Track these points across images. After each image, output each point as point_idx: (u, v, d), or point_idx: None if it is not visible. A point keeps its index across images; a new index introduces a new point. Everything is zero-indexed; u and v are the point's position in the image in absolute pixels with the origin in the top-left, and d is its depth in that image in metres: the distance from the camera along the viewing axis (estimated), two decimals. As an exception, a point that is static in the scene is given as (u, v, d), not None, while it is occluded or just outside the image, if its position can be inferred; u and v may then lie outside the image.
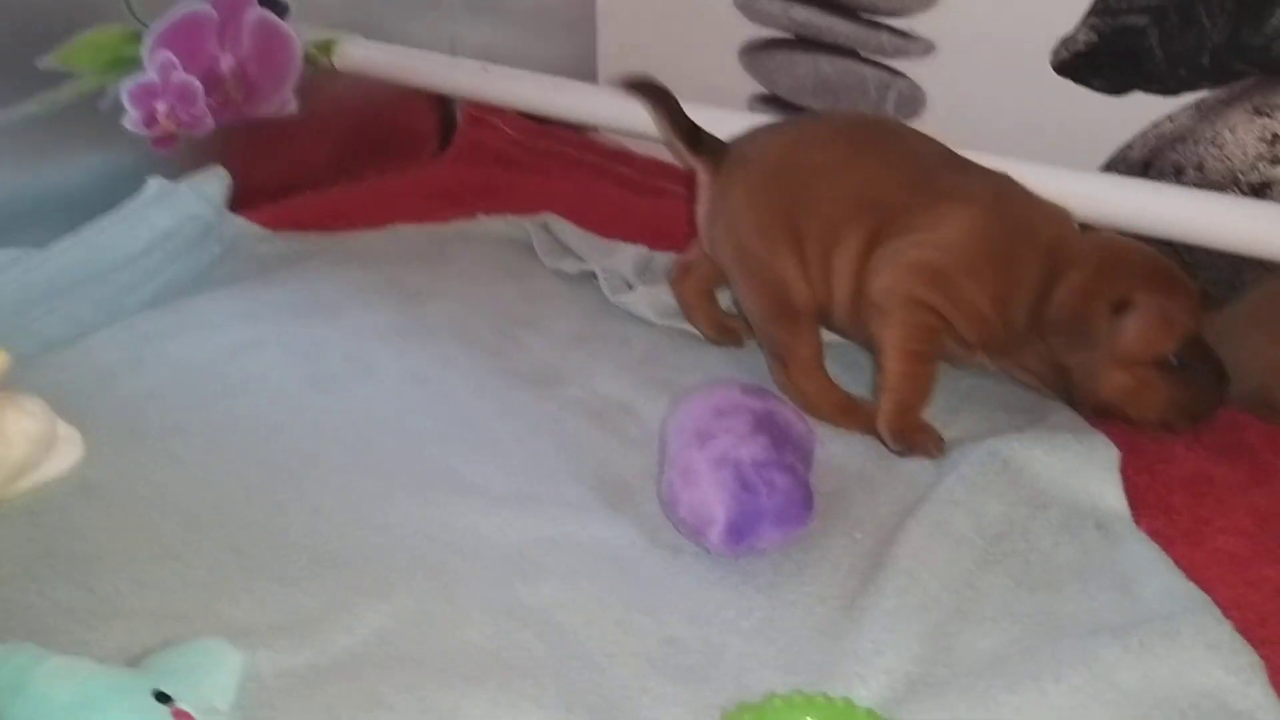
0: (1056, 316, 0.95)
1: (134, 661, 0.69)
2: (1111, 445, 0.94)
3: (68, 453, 0.94)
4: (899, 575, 0.80)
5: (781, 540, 0.83)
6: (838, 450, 0.98)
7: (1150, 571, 0.81)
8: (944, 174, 1.02)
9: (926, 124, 1.35)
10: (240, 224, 1.44)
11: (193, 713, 0.63)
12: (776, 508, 0.82)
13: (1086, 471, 0.91)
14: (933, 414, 1.03)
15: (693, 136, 1.08)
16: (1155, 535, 0.86)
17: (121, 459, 0.95)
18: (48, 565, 0.82)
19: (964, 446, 0.96)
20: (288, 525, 0.87)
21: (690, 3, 1.50)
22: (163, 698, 0.62)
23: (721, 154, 1.07)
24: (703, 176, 1.09)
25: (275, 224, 1.46)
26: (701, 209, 1.10)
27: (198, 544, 0.85)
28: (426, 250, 1.38)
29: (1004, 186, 1.02)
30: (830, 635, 0.77)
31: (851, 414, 1.01)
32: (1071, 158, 1.18)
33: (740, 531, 0.81)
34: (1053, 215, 1.01)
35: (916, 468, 0.95)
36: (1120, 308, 0.92)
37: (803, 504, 0.83)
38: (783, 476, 0.84)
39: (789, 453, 0.87)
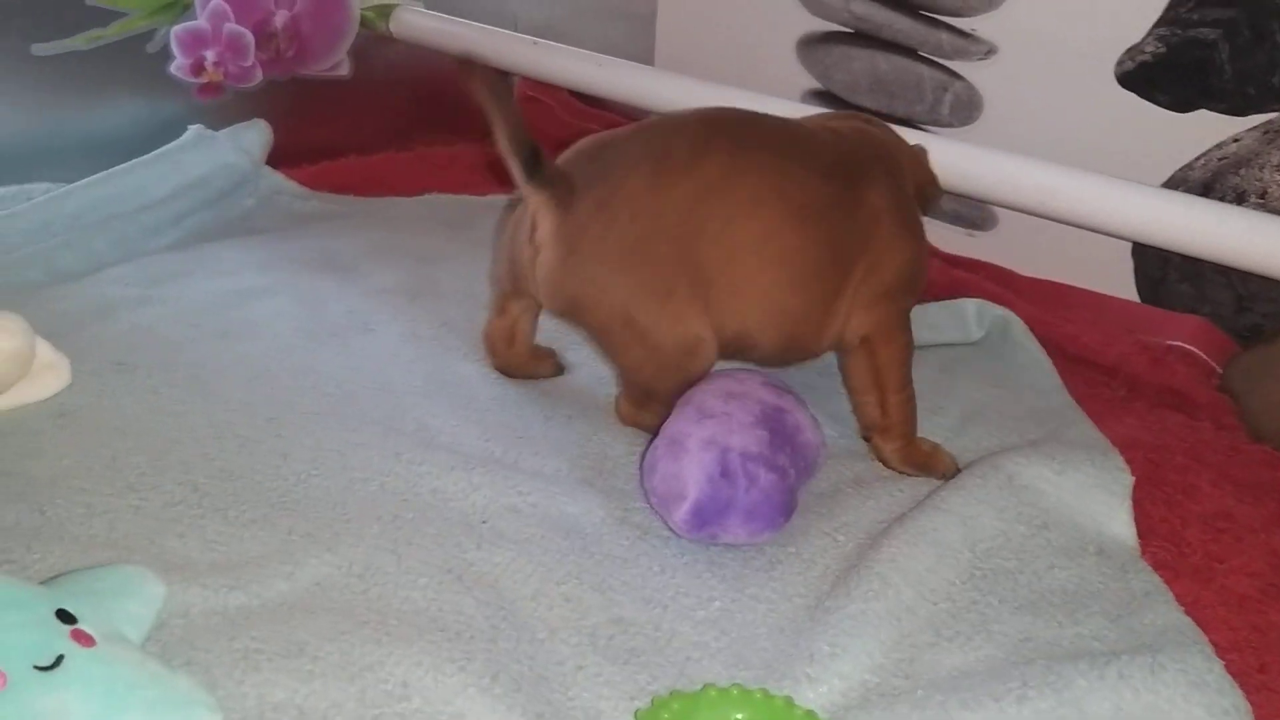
0: None
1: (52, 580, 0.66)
2: (1126, 471, 0.88)
3: (54, 379, 0.93)
4: (871, 579, 0.75)
5: (746, 539, 0.78)
6: (835, 451, 0.93)
7: (1146, 604, 0.75)
8: (830, 150, 0.91)
9: (983, 128, 1.29)
10: (277, 179, 1.44)
11: (95, 637, 0.60)
12: (750, 504, 0.77)
13: (1096, 495, 0.85)
14: (944, 427, 0.98)
15: (533, 162, 0.83)
16: (1162, 568, 0.80)
17: (103, 390, 0.93)
18: (3, 485, 0.80)
19: (971, 459, 0.91)
20: (253, 468, 0.85)
21: (752, -8, 1.46)
22: (66, 617, 0.60)
23: (568, 189, 0.85)
24: (545, 216, 0.85)
25: (314, 183, 1.46)
26: (546, 257, 0.86)
27: (157, 478, 0.83)
28: (454, 218, 1.35)
29: (866, 135, 0.97)
30: (788, 634, 0.72)
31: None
32: (1130, 173, 1.11)
33: (705, 516, 0.77)
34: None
35: (919, 478, 0.90)
36: None
37: (779, 508, 0.79)
38: (767, 475, 0.79)
39: (784, 454, 0.82)
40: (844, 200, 0.89)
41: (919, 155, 1.01)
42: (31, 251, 1.18)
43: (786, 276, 0.87)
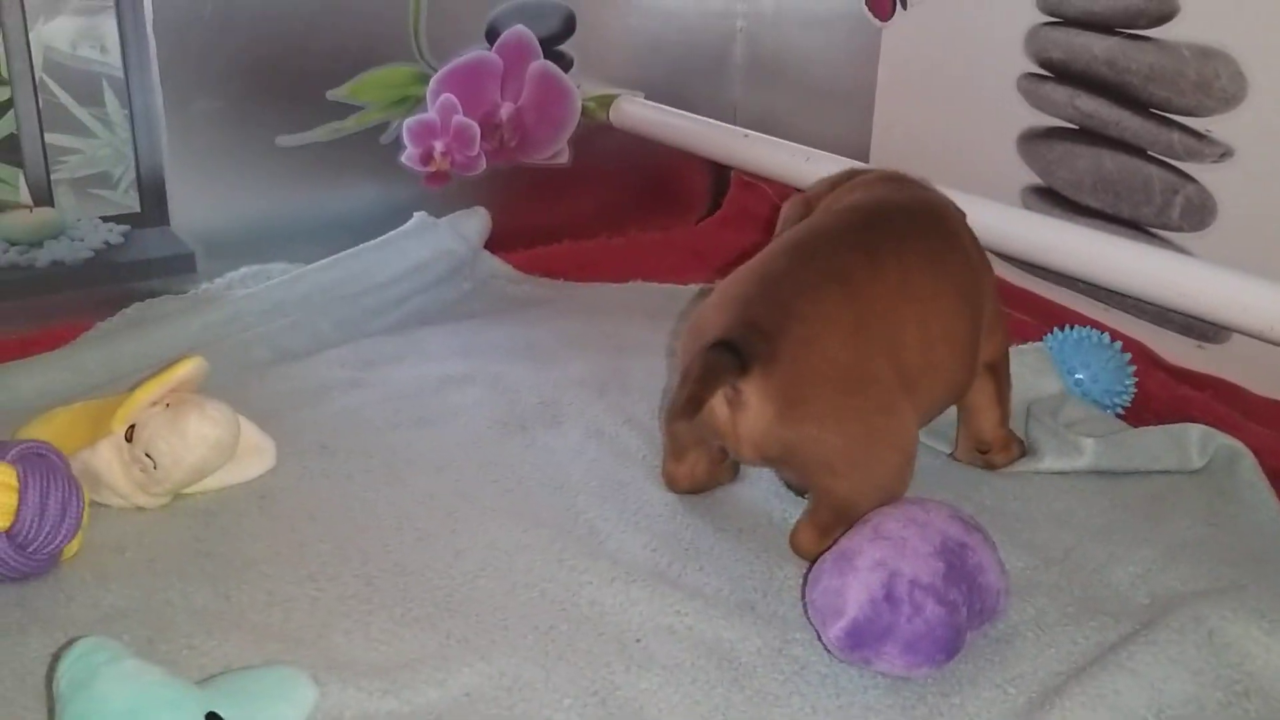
0: None
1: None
2: (1347, 636, 0.79)
3: (260, 461, 0.99)
4: (1038, 745, 0.70)
5: (903, 670, 0.74)
6: (1019, 584, 0.87)
7: (1356, 801, 0.67)
8: (935, 216, 0.97)
9: (1215, 237, 1.20)
10: (494, 264, 1.50)
11: (240, 740, 0.63)
12: (911, 633, 0.74)
13: (1310, 662, 0.77)
14: (1145, 563, 0.90)
15: (737, 359, 0.81)
16: (1383, 757, 0.71)
17: (304, 474, 0.99)
18: (200, 566, 0.86)
19: (1169, 606, 0.83)
20: (425, 564, 0.87)
21: (972, 85, 1.42)
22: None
23: (768, 344, 0.82)
24: (754, 389, 0.82)
25: (528, 267, 1.51)
26: (758, 416, 0.83)
27: (337, 569, 0.86)
28: (656, 307, 1.37)
29: (920, 187, 1.03)
30: (939, 797, 0.68)
31: None
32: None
33: (861, 638, 0.74)
34: None
35: (1108, 622, 0.83)
36: None
37: (941, 645, 0.75)
38: (935, 608, 0.75)
39: (958, 591, 0.77)
40: (964, 261, 0.95)
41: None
42: (263, 331, 1.26)
43: (959, 355, 0.92)
